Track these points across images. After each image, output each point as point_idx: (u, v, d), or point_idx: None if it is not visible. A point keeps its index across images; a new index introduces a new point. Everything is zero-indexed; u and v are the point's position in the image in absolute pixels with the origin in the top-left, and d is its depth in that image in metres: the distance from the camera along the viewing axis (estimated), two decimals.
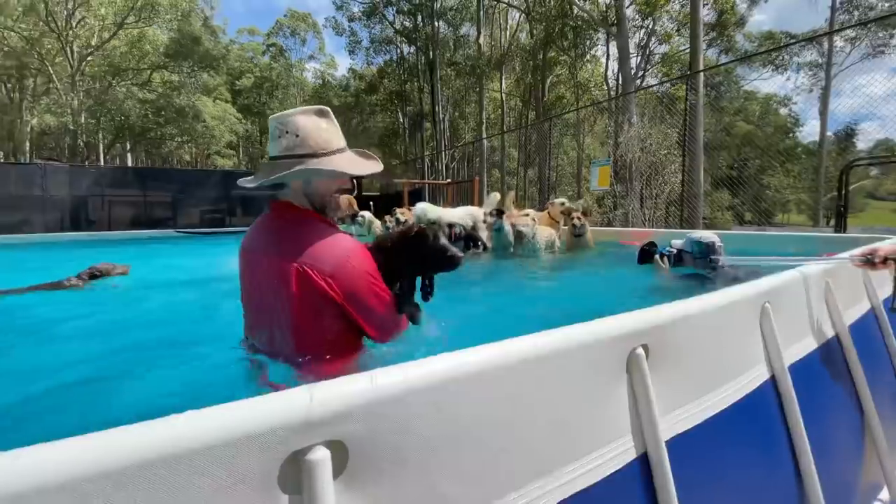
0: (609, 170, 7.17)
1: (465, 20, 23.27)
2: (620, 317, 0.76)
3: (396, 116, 29.44)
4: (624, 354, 0.74)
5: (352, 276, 1.10)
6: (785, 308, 1.12)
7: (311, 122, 1.15)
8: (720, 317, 0.96)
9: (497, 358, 0.60)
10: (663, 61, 16.53)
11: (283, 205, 1.20)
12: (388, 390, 0.49)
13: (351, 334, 1.17)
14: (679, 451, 0.78)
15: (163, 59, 22.92)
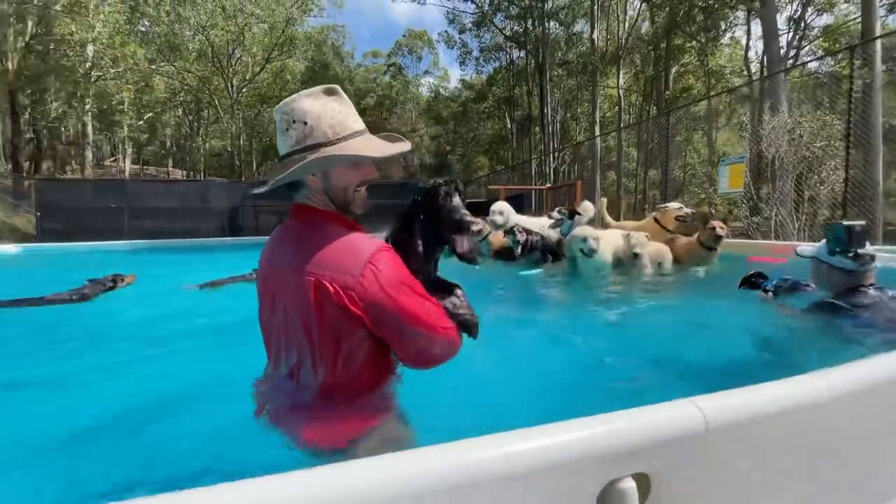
0: (743, 168, 6.12)
1: (578, 17, 22.49)
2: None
3: (504, 122, 29.54)
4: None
5: (375, 280, 0.90)
6: None
7: (320, 104, 0.98)
8: None
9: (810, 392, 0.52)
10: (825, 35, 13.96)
11: (299, 208, 1.04)
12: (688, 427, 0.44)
13: (385, 358, 1.02)
14: None
15: (299, 86, 26.33)
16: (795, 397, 0.50)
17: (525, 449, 0.39)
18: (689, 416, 0.45)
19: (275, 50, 22.28)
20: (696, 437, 0.44)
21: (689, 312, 2.54)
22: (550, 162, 22.60)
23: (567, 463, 0.39)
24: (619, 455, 0.41)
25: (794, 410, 0.50)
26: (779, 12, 13.04)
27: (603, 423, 0.42)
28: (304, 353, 0.97)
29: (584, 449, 0.39)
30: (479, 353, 1.14)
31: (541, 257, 3.64)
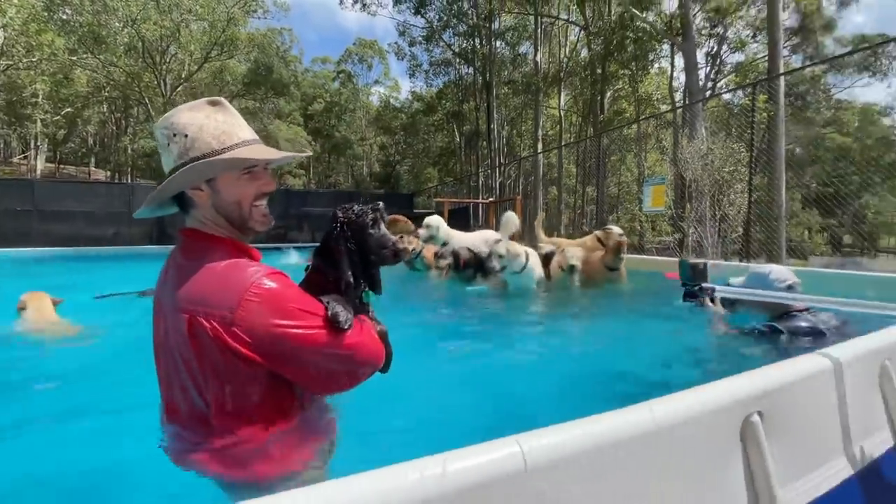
0: (664, 189, 6.69)
1: (522, 39, 23.47)
2: (731, 380, 0.72)
3: (453, 135, 30.03)
4: (738, 422, 0.70)
5: (258, 311, 0.79)
6: None
7: (202, 115, 0.90)
8: (839, 376, 0.87)
9: (610, 431, 0.59)
10: (737, 71, 15.57)
11: (185, 233, 0.93)
12: (507, 465, 0.49)
13: (286, 396, 0.90)
14: None
15: (240, 88, 25.26)
16: (603, 434, 0.56)
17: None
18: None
19: (214, 49, 21.27)
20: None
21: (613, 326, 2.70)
22: (497, 176, 23.23)
23: None
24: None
25: (601, 449, 0.57)
26: (698, 47, 14.37)
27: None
28: (191, 395, 0.86)
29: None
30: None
31: (473, 273, 3.72)
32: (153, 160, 25.85)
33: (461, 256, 3.82)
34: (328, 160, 36.62)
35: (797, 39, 14.57)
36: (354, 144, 35.71)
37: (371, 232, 0.99)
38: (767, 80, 11.22)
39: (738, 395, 0.69)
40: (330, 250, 1.00)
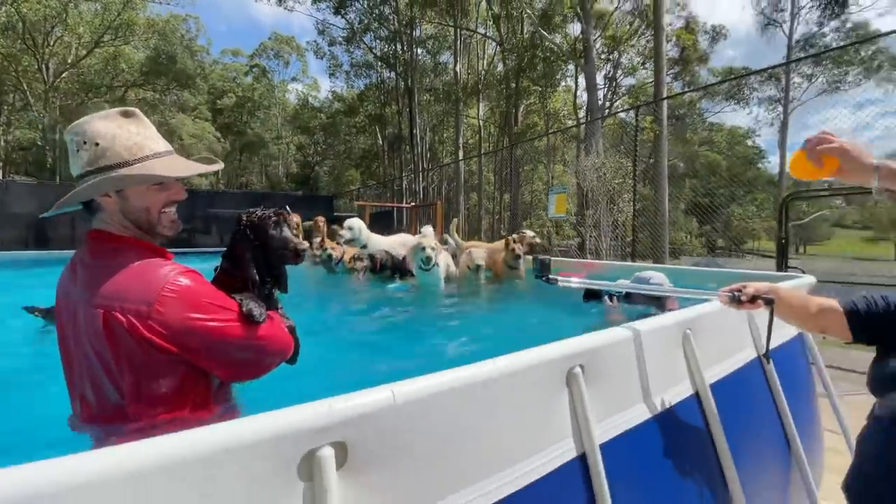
0: (565, 197, 7.45)
1: (443, 48, 24.11)
2: (561, 342, 0.94)
3: (376, 138, 29.85)
4: (564, 372, 0.93)
5: (174, 305, 0.86)
6: (705, 334, 1.34)
7: (115, 125, 0.93)
8: (647, 341, 1.16)
9: (467, 377, 0.76)
10: (629, 93, 17.50)
11: (94, 234, 0.96)
12: (381, 404, 0.65)
13: (199, 384, 0.94)
14: (612, 451, 0.97)
15: (137, 77, 22.83)
16: (462, 379, 0.74)
17: (217, 436, 0.54)
18: (381, 397, 0.66)
19: (107, 33, 19.05)
20: (386, 411, 0.65)
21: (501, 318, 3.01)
22: (420, 181, 23.55)
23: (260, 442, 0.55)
24: (315, 430, 0.59)
25: (462, 390, 0.74)
26: (598, 70, 15.91)
27: (297, 410, 0.60)
28: (106, 389, 0.88)
29: (277, 429, 0.56)
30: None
31: (391, 274, 3.86)
32: (31, 154, 22.36)
33: (377, 258, 3.93)
34: (239, 159, 34.30)
35: (678, 68, 16.76)
36: (269, 143, 33.84)
37: (273, 233, 1.10)
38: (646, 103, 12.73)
39: (565, 352, 0.92)
40: (235, 252, 1.10)
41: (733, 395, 1.40)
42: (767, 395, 1.59)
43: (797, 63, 17.53)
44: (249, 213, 1.13)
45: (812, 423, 1.90)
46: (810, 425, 1.87)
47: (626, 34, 15.59)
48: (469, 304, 3.20)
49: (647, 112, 13.91)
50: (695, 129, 19.76)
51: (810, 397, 1.93)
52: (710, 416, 1.26)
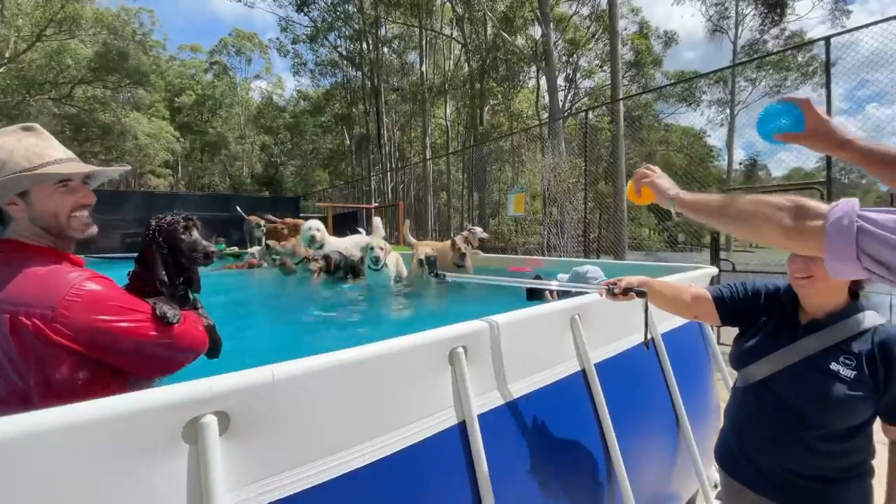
0: (524, 197, 7.70)
1: (409, 48, 24.15)
2: (447, 327, 1.09)
3: (343, 139, 29.56)
4: (447, 352, 1.08)
5: (80, 309, 0.91)
6: (593, 320, 1.53)
7: (14, 139, 1.00)
8: (535, 324, 1.33)
9: (352, 357, 0.90)
10: (589, 95, 18.12)
11: (4, 244, 1.01)
12: (261, 381, 0.77)
13: (114, 379, 0.98)
14: (491, 420, 1.13)
15: (85, 74, 21.71)
16: (329, 363, 0.87)
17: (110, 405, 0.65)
18: (262, 374, 0.78)
19: (50, 26, 18.06)
20: (265, 388, 0.78)
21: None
22: (388, 181, 23.52)
23: (149, 409, 0.67)
24: (198, 400, 0.71)
25: (330, 370, 0.88)
26: (559, 72, 16.38)
27: (182, 385, 0.72)
28: (18, 388, 0.93)
29: (158, 401, 0.68)
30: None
31: (344, 275, 3.95)
32: None
33: (332, 259, 4.01)
34: (201, 159, 33.19)
35: (634, 71, 17.47)
36: (231, 143, 32.87)
37: (183, 237, 1.19)
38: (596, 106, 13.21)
39: (448, 335, 1.07)
40: (145, 256, 1.18)
41: (621, 374, 1.60)
42: (658, 375, 1.81)
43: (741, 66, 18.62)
44: (159, 218, 1.22)
45: (705, 402, 2.14)
46: (703, 404, 2.11)
47: (585, 38, 16.13)
48: (411, 299, 3.37)
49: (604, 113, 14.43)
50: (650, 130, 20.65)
51: (704, 379, 2.17)
52: (594, 391, 1.45)
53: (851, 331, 1.13)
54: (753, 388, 1.25)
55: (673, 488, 1.86)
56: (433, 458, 1.02)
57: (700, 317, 1.41)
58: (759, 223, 0.78)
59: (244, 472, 0.75)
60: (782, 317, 1.26)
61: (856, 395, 1.07)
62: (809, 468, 1.14)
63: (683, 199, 0.98)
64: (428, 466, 1.01)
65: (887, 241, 0.62)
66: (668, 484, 1.81)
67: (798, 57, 16.86)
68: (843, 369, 1.10)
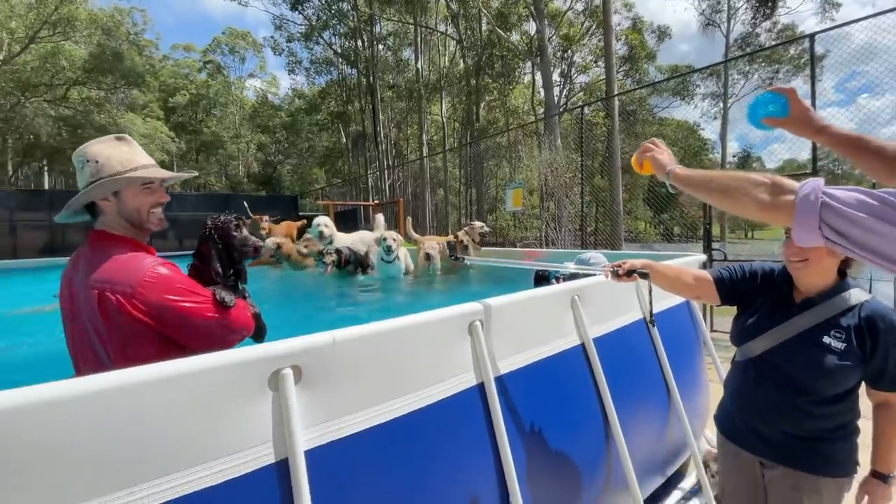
0: (521, 192, 7.87)
1: (404, 45, 24.21)
2: (467, 303, 1.28)
3: (340, 136, 29.62)
4: (466, 325, 1.27)
5: (154, 289, 1.10)
6: (591, 300, 1.71)
7: (109, 146, 1.21)
8: (540, 302, 1.52)
9: (388, 327, 1.08)
10: (584, 90, 18.31)
11: (94, 234, 1.21)
12: (324, 342, 0.96)
13: (175, 352, 1.13)
14: (507, 382, 1.32)
15: (80, 75, 21.68)
16: (376, 330, 1.05)
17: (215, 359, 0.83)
18: (325, 338, 0.96)
19: (44, 28, 18.05)
20: (327, 347, 0.96)
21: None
22: (386, 178, 23.63)
23: (243, 362, 0.85)
24: (279, 356, 0.90)
25: (377, 336, 1.06)
26: (554, 68, 16.52)
27: (267, 344, 0.90)
28: (99, 357, 1.10)
29: (250, 356, 0.87)
30: None
31: (353, 269, 4.13)
32: None
33: (343, 254, 4.20)
34: (196, 159, 33.16)
35: (628, 66, 17.65)
36: (228, 142, 32.85)
37: (235, 234, 1.39)
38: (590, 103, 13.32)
39: (467, 310, 1.26)
40: (202, 250, 1.38)
41: (616, 348, 1.79)
42: (651, 351, 2.00)
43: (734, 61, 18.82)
44: (214, 217, 1.41)
45: (695, 377, 2.34)
46: (693, 378, 2.30)
47: (579, 33, 16.28)
48: (422, 288, 3.58)
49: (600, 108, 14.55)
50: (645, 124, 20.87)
51: (694, 355, 2.36)
52: (593, 362, 1.64)
53: (841, 307, 1.26)
54: (752, 361, 1.38)
55: (666, 453, 2.06)
56: (459, 412, 1.21)
57: (702, 297, 1.52)
58: (740, 196, 0.87)
59: (313, 415, 0.94)
60: (778, 296, 1.38)
61: (845, 365, 1.21)
62: (804, 430, 1.27)
63: (677, 174, 1.08)
64: (455, 418, 1.19)
65: (844, 214, 0.72)
66: (662, 448, 2.01)
67: (790, 50, 17.09)
68: (834, 342, 1.23)
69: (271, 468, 0.87)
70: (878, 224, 0.69)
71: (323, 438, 0.94)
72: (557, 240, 8.86)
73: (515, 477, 1.23)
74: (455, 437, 1.19)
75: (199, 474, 0.80)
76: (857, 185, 0.78)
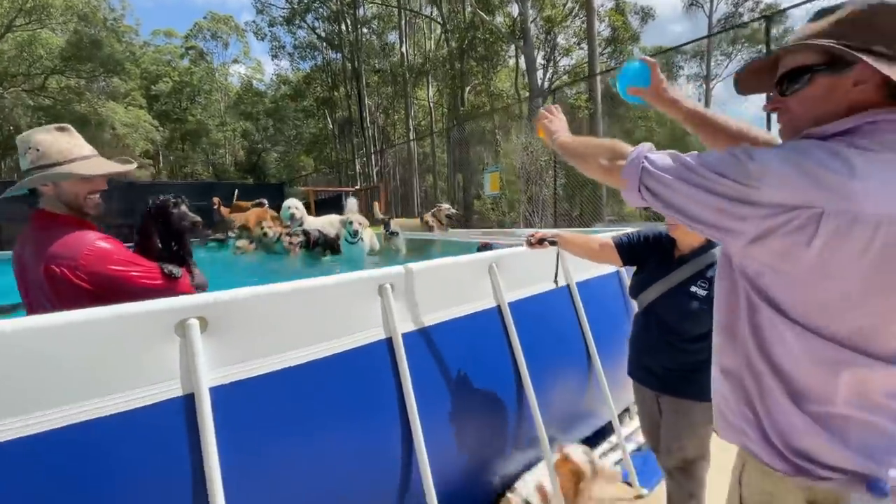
0: (499, 176, 8.00)
1: (388, 28, 23.89)
2: (379, 269, 1.44)
3: (326, 123, 29.34)
4: (376, 287, 1.43)
5: (95, 260, 1.24)
6: (509, 267, 1.88)
7: (51, 137, 1.33)
8: (460, 268, 1.69)
9: (297, 287, 1.24)
10: (568, 73, 18.28)
11: (37, 213, 1.35)
12: (226, 297, 1.11)
13: None
14: (414, 339, 1.49)
15: (58, 64, 21.24)
16: (280, 290, 1.21)
17: (125, 309, 0.99)
18: (228, 294, 1.12)
19: (19, 17, 17.62)
20: (231, 301, 1.12)
21: None
22: (373, 164, 23.56)
23: (153, 312, 1.01)
24: (184, 308, 1.05)
25: (281, 294, 1.22)
26: (537, 50, 16.47)
27: (175, 298, 1.05)
28: None
29: (158, 306, 1.02)
30: None
31: (322, 251, 4.29)
32: None
33: (311, 236, 4.34)
34: (182, 148, 32.73)
35: (611, 48, 17.62)
36: (213, 130, 32.40)
37: (173, 211, 1.54)
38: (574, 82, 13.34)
39: (378, 274, 1.41)
40: (144, 227, 1.55)
41: (533, 312, 1.96)
42: (572, 317, 2.18)
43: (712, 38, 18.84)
44: (155, 198, 1.56)
45: (621, 343, 2.51)
46: (618, 345, 2.47)
47: (562, 15, 16.21)
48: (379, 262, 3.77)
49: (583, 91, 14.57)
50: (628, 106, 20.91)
51: (622, 323, 2.54)
52: (508, 323, 1.81)
53: (707, 261, 1.51)
54: (644, 311, 1.64)
55: (585, 414, 2.24)
56: (365, 363, 1.37)
57: (608, 260, 1.75)
58: (591, 161, 0.94)
59: (220, 357, 1.10)
60: (663, 255, 1.62)
61: (706, 308, 1.44)
62: (678, 363, 1.54)
63: (560, 142, 1.13)
64: (362, 368, 1.36)
65: (656, 176, 0.78)
66: (580, 410, 2.19)
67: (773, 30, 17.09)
68: (699, 290, 1.48)
69: (179, 400, 1.03)
70: (681, 185, 0.76)
71: (228, 378, 1.10)
72: (535, 223, 9.03)
73: (420, 426, 1.39)
74: (362, 386, 1.36)
75: (117, 400, 0.96)
76: None
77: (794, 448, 0.74)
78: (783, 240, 0.67)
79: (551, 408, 1.90)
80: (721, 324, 0.85)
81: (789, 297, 0.72)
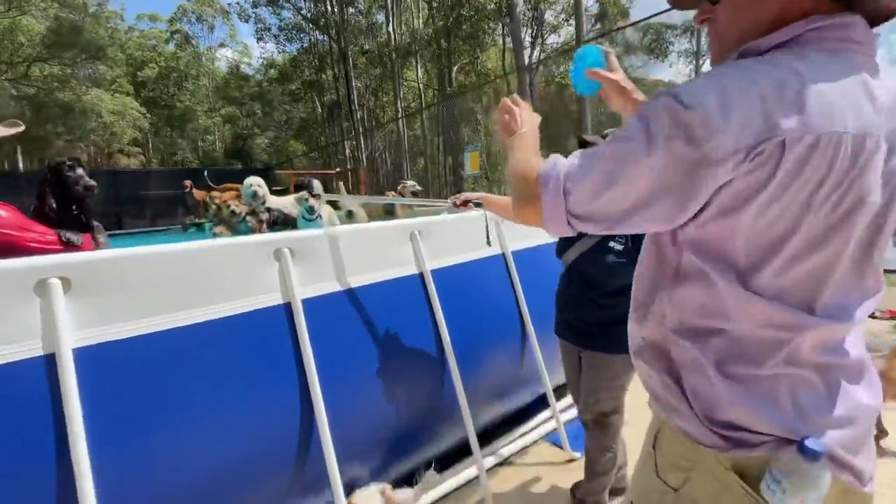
0: (478, 155, 7.93)
1: (376, 8, 23.34)
2: (273, 234, 1.42)
3: (315, 106, 28.90)
4: (272, 251, 1.41)
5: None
6: (432, 235, 1.86)
7: None
8: (377, 236, 1.67)
9: (182, 249, 1.22)
10: (556, 51, 17.96)
11: None
12: (91, 258, 1.10)
13: None
14: (316, 305, 1.48)
15: (40, 51, 20.81)
16: (156, 251, 1.19)
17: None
18: (96, 255, 1.10)
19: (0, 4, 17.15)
20: (97, 261, 1.10)
21: None
22: (363, 147, 23.31)
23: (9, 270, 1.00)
24: (44, 267, 1.04)
25: (158, 256, 1.20)
26: (524, 28, 16.16)
27: (38, 257, 1.04)
28: None
29: (14, 265, 1.01)
30: None
31: (282, 229, 4.27)
32: None
33: (271, 215, 4.34)
34: (170, 134, 32.33)
35: (600, 25, 17.29)
36: (201, 116, 31.93)
37: (69, 174, 1.52)
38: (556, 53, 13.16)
39: (273, 239, 1.40)
40: (41, 190, 1.51)
41: (459, 281, 1.95)
42: (507, 286, 2.17)
43: None
44: (53, 160, 1.54)
45: None
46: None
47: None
48: None
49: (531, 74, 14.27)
50: None
51: None
52: (430, 290, 1.81)
53: None
54: (567, 269, 1.68)
55: (518, 384, 2.24)
56: (260, 328, 1.37)
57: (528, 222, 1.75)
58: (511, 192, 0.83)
59: (86, 318, 1.09)
60: None
61: (622, 262, 1.46)
62: (597, 318, 1.57)
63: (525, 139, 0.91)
64: (256, 333, 1.36)
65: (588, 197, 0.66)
66: (514, 380, 2.20)
67: None
68: (616, 245, 1.50)
69: (40, 360, 1.02)
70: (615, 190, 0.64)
71: (94, 339, 1.09)
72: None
73: (321, 395, 1.38)
74: (254, 352, 1.35)
75: None
76: None
77: (722, 420, 0.66)
78: (745, 179, 0.56)
79: (479, 378, 1.91)
80: (643, 291, 0.78)
81: (732, 246, 0.62)
